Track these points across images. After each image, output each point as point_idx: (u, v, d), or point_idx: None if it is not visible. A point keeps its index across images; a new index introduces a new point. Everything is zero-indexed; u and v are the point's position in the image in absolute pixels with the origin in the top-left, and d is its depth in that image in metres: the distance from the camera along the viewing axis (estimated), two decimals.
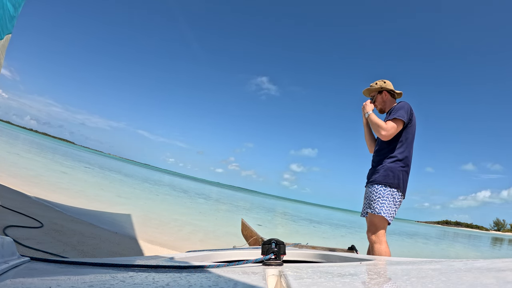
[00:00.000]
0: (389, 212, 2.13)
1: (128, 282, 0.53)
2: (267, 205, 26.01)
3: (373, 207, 2.16)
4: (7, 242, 0.64)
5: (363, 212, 2.37)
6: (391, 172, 2.17)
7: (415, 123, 2.29)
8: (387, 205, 2.13)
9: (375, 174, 2.26)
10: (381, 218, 2.13)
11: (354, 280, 0.65)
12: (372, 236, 2.16)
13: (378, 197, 2.16)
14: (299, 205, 56.29)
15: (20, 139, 34.29)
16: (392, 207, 2.15)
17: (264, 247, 0.88)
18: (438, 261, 0.91)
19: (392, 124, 2.19)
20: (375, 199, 2.17)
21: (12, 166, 8.47)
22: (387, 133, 2.18)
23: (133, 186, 13.49)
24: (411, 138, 2.26)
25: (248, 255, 1.23)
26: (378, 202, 2.15)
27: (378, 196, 2.16)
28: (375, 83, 2.49)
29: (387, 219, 2.13)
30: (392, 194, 2.15)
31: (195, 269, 0.69)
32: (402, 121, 2.18)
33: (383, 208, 2.12)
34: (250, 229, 3.22)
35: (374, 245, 2.12)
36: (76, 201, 5.86)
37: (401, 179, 2.18)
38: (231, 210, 13.38)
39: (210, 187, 50.42)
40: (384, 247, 2.09)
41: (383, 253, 2.06)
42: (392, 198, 2.15)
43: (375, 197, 2.18)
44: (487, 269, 0.70)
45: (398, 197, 2.18)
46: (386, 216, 2.12)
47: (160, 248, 3.85)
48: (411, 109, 2.26)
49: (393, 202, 2.15)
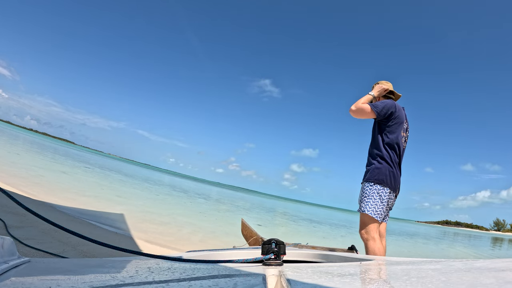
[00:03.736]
0: (375, 209, 2.13)
1: (128, 282, 0.53)
2: (267, 205, 26.01)
3: (360, 205, 2.21)
4: (7, 242, 0.64)
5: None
6: (377, 169, 2.20)
7: (399, 124, 2.29)
8: (372, 203, 2.14)
9: (366, 171, 2.30)
10: (367, 216, 2.16)
11: (354, 280, 0.65)
12: (363, 234, 2.19)
13: (364, 195, 2.20)
14: (299, 205, 56.31)
15: (20, 139, 34.30)
16: (379, 204, 2.14)
17: (264, 247, 0.88)
18: (438, 261, 0.91)
19: (365, 106, 2.26)
20: (361, 197, 2.22)
21: (12, 166, 8.47)
22: (354, 108, 2.29)
23: (133, 186, 13.50)
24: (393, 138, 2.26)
25: (248, 255, 1.23)
26: (364, 200, 2.19)
27: (365, 194, 2.20)
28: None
29: (373, 216, 2.13)
30: (378, 192, 2.16)
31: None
32: (373, 111, 2.23)
33: (368, 206, 2.15)
34: (250, 229, 3.22)
35: (367, 242, 2.15)
36: (76, 201, 5.87)
37: (388, 176, 2.18)
38: (231, 210, 13.39)
39: (210, 187, 50.44)
40: (377, 243, 2.10)
41: (376, 250, 2.07)
42: (378, 196, 2.15)
43: (362, 195, 2.23)
44: (487, 269, 0.70)
45: (386, 194, 2.17)
46: (371, 213, 2.13)
47: (160, 248, 3.85)
48: (392, 107, 2.27)
49: (380, 199, 2.15)
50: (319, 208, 79.64)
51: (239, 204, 19.36)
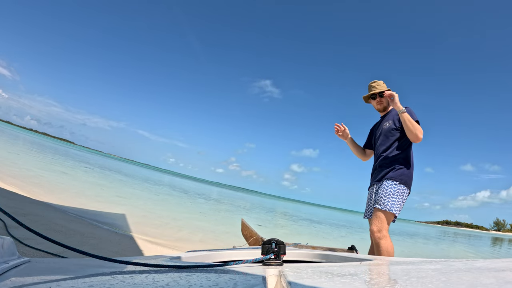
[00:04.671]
0: (399, 210, 2.16)
1: (128, 282, 0.53)
2: (267, 205, 26.00)
3: (384, 204, 2.15)
4: (7, 242, 0.64)
5: (368, 212, 2.39)
6: (407, 171, 2.22)
7: None
8: (397, 202, 2.14)
9: (387, 171, 2.26)
10: (391, 215, 2.13)
11: (354, 280, 0.65)
12: (379, 233, 2.13)
13: (389, 193, 2.16)
14: (299, 205, 56.28)
15: (20, 139, 34.29)
16: (401, 204, 2.18)
17: (264, 247, 0.87)
18: (438, 261, 0.91)
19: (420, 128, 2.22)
20: (385, 195, 2.17)
21: (12, 166, 8.47)
22: (421, 135, 2.18)
23: (133, 186, 13.49)
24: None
25: (248, 255, 1.23)
26: (389, 198, 2.14)
27: (389, 192, 2.16)
28: (379, 84, 2.49)
29: (396, 216, 2.16)
30: (402, 192, 2.18)
31: (195, 269, 0.69)
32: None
33: (394, 205, 2.12)
34: (250, 229, 3.22)
35: (380, 241, 2.09)
36: (76, 201, 5.87)
37: (411, 178, 2.24)
38: (231, 210, 13.38)
39: (210, 187, 50.42)
40: (390, 241, 2.09)
41: (390, 248, 2.05)
42: (402, 196, 2.18)
43: (385, 193, 2.17)
44: (487, 269, 0.70)
45: (406, 195, 2.23)
46: (396, 213, 2.14)
47: (160, 248, 3.85)
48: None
49: (402, 200, 2.19)
50: (319, 208, 79.60)
51: (239, 204, 19.35)
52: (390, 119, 2.38)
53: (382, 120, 2.49)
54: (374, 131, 2.59)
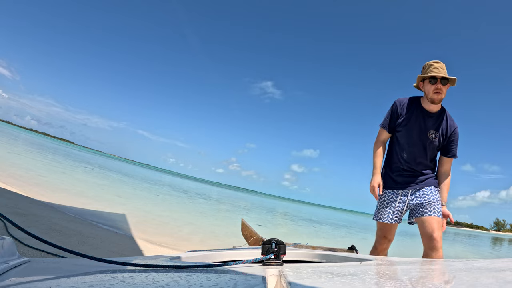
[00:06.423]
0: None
1: (128, 282, 0.53)
2: (267, 205, 26.00)
3: (439, 211, 1.99)
4: (7, 242, 0.64)
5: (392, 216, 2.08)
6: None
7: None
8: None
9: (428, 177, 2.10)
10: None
11: (354, 280, 0.65)
12: (441, 241, 1.96)
13: (438, 201, 2.03)
14: (299, 205, 56.27)
15: (21, 139, 34.30)
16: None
17: (264, 247, 0.87)
18: (438, 261, 0.91)
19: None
20: (438, 203, 2.01)
21: (12, 166, 8.48)
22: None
23: (133, 186, 13.50)
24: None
25: (248, 255, 1.22)
26: (440, 206, 2.02)
27: (438, 199, 2.04)
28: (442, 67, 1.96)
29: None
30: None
31: (195, 269, 0.69)
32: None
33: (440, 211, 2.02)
34: (250, 229, 3.22)
35: (441, 249, 1.94)
36: (76, 201, 5.87)
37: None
38: (231, 210, 13.38)
39: (210, 187, 50.42)
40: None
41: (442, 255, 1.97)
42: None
43: (438, 201, 2.02)
44: (487, 269, 0.70)
45: None
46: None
47: (160, 248, 3.85)
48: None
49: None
50: (319, 208, 79.60)
51: (239, 204, 19.35)
52: (437, 129, 2.01)
53: (427, 117, 2.01)
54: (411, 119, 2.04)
